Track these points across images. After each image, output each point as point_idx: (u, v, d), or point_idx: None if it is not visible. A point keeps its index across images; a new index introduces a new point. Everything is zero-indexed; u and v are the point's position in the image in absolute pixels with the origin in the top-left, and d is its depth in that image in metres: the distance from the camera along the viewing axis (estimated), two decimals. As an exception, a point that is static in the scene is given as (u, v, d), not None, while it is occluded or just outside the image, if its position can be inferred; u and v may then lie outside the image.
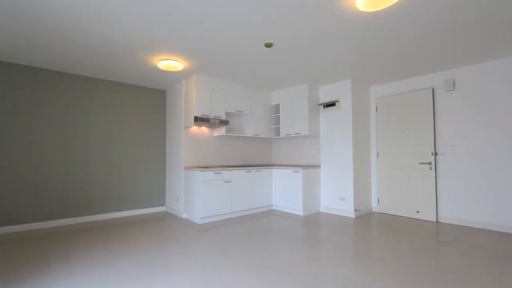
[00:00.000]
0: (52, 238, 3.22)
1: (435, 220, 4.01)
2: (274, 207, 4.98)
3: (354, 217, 4.27)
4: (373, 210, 4.76)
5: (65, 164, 3.94)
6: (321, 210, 4.77)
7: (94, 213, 4.15)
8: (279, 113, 5.30)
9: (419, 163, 4.18)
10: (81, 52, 3.25)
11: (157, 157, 4.88)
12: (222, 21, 2.57)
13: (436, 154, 4.06)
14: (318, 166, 4.78)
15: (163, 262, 2.47)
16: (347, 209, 4.37)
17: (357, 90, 4.58)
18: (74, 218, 3.97)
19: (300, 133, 4.77)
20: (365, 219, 4.15)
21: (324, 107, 4.79)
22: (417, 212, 4.18)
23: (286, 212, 4.68)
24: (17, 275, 2.21)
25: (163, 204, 4.91)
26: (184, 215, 4.30)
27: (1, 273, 2.25)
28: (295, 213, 4.55)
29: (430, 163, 4.07)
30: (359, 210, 4.41)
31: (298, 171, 4.46)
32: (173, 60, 3.53)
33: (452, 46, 3.15)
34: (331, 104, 4.65)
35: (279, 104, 5.29)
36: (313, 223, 3.92)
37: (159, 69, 3.82)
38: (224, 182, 4.18)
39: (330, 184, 4.66)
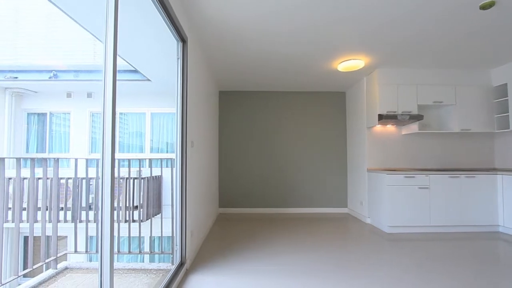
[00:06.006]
0: (259, 220, 4.15)
1: None
2: (500, 229, 3.56)
3: None
4: None
5: (270, 165, 4.92)
6: None
7: (287, 206, 4.87)
8: (506, 96, 3.73)
9: None
10: (282, 74, 4.04)
11: (338, 159, 4.95)
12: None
13: None
14: None
15: (349, 266, 2.44)
16: None
17: None
18: (273, 208, 4.85)
19: (553, 123, 3.11)
20: None
21: None
22: None
23: (527, 240, 3.20)
24: (247, 239, 3.05)
25: (345, 205, 4.89)
26: (368, 220, 4.06)
27: (232, 236, 3.20)
28: (548, 244, 3.01)
29: None
30: None
31: (552, 182, 2.92)
32: (353, 59, 3.44)
33: None
34: None
35: (505, 84, 3.73)
36: None
37: (339, 71, 3.86)
38: (419, 188, 3.51)
39: None
